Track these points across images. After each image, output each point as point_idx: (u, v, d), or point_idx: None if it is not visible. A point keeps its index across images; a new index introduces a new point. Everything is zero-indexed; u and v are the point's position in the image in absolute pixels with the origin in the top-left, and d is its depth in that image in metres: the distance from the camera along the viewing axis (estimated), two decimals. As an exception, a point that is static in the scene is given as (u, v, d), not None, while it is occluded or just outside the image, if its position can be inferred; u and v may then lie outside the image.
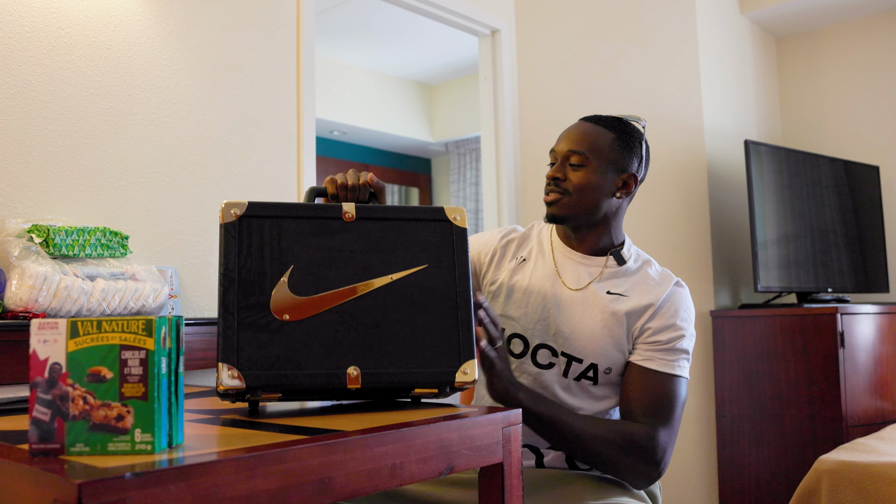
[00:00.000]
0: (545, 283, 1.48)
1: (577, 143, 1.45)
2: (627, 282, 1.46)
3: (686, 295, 1.47)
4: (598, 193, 1.45)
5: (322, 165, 5.99)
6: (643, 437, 1.33)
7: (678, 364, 1.39)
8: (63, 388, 0.88)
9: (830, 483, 1.99)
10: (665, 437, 1.35)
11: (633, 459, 1.33)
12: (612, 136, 1.46)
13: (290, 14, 2.40)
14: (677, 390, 1.39)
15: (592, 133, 1.46)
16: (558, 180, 1.45)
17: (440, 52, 5.11)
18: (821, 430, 2.78)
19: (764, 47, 3.79)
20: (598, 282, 1.46)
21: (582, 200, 1.44)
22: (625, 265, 1.48)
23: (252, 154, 2.27)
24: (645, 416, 1.36)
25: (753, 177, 3.02)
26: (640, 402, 1.38)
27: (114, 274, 1.76)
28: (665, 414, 1.37)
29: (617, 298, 1.44)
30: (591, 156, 1.44)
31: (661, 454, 1.34)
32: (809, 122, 3.80)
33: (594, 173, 1.44)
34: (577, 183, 1.44)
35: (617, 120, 1.49)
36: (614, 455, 1.32)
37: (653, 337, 1.40)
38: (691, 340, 1.43)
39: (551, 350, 1.44)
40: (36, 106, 1.85)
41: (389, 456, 1.02)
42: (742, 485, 2.95)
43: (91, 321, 0.89)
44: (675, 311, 1.42)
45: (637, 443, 1.32)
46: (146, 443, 0.88)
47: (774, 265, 3.09)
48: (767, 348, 2.94)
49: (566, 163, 1.45)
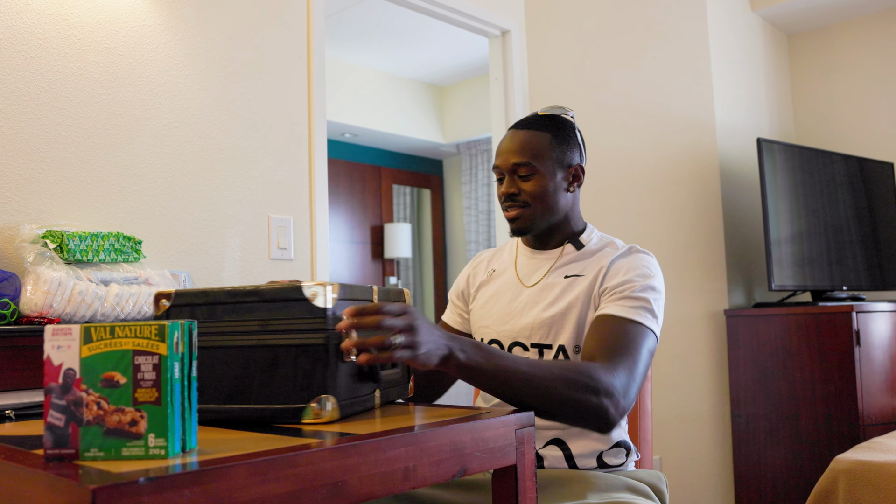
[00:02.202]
0: (508, 286, 1.54)
1: (518, 153, 1.47)
2: (587, 263, 1.49)
3: (644, 258, 1.46)
4: (554, 195, 1.49)
5: (333, 168, 6.03)
6: (601, 374, 1.24)
7: (638, 311, 1.36)
8: (77, 393, 0.89)
9: (847, 483, 1.97)
10: (626, 376, 1.27)
11: (591, 398, 1.21)
12: (548, 136, 1.48)
13: (300, 17, 2.41)
14: (639, 334, 1.34)
15: (530, 139, 1.48)
16: (513, 195, 1.47)
17: (451, 53, 5.11)
18: (837, 430, 2.76)
19: (776, 44, 3.77)
20: (556, 269, 1.50)
21: (542, 207, 1.48)
22: (583, 248, 1.51)
23: (264, 157, 2.28)
24: (604, 356, 1.30)
25: (766, 175, 3.00)
26: (598, 345, 1.33)
27: (127, 279, 1.77)
28: (626, 353, 1.30)
29: (574, 280, 1.46)
30: (536, 162, 1.46)
31: (623, 391, 1.25)
32: (822, 119, 3.78)
33: (544, 178, 1.47)
34: (532, 192, 1.47)
35: (546, 118, 1.51)
36: (570, 394, 1.20)
37: (609, 292, 1.41)
38: (653, 294, 1.39)
39: (522, 346, 1.48)
40: (49, 112, 1.86)
41: (402, 459, 1.02)
42: (758, 485, 2.94)
43: (104, 327, 0.90)
44: (629, 268, 1.42)
45: (595, 379, 1.22)
46: (160, 447, 0.88)
47: (789, 263, 3.07)
48: (782, 347, 2.92)
49: (514, 176, 1.48)
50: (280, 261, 2.29)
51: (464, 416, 1.14)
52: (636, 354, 1.32)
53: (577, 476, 1.39)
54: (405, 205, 6.67)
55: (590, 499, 1.34)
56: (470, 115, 5.87)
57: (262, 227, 2.26)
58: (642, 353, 1.33)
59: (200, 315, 1.15)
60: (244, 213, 2.22)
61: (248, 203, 2.23)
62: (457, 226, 6.66)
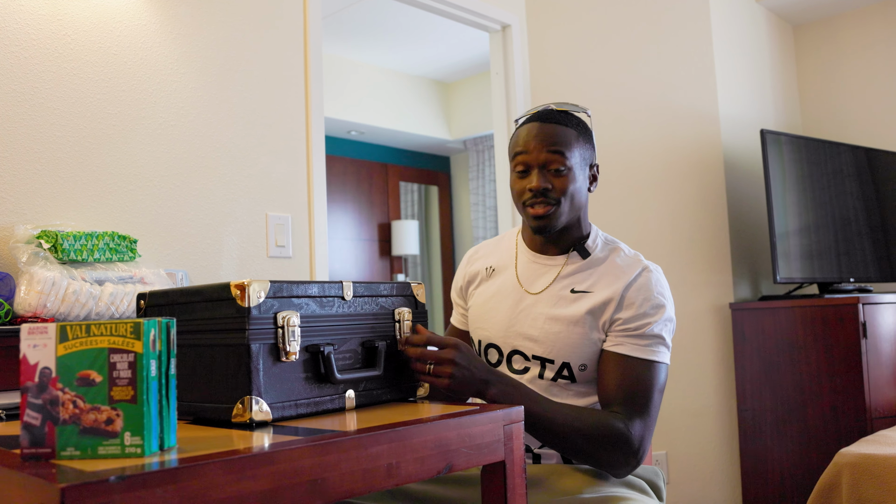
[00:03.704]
0: (509, 289, 1.49)
1: (552, 146, 1.40)
2: (592, 275, 1.43)
3: (656, 279, 1.41)
4: (582, 195, 1.44)
5: (340, 165, 6.03)
6: (620, 429, 1.29)
7: (652, 349, 1.35)
8: (53, 392, 0.89)
9: (851, 476, 1.95)
10: (641, 426, 1.31)
11: (609, 451, 1.29)
12: (574, 132, 1.43)
13: (296, 13, 2.40)
14: (653, 376, 1.35)
15: (560, 133, 1.41)
16: (546, 191, 1.39)
17: (456, 49, 5.09)
18: (844, 423, 2.73)
19: (781, 35, 3.73)
20: (561, 279, 1.44)
21: (570, 206, 1.42)
22: (589, 257, 1.46)
23: (261, 155, 2.28)
24: (621, 404, 1.32)
25: (771, 166, 2.97)
26: (615, 390, 1.34)
27: (122, 278, 1.77)
28: (641, 402, 1.33)
29: (581, 296, 1.41)
30: (569, 157, 1.41)
31: (638, 444, 1.30)
32: (829, 109, 3.73)
33: (574, 175, 1.42)
34: (563, 189, 1.40)
35: (567, 114, 1.46)
36: (590, 447, 1.29)
37: (622, 325, 1.37)
38: (666, 325, 1.38)
39: (523, 356, 1.44)
40: (44, 113, 1.86)
41: (385, 455, 1.01)
42: (765, 478, 2.91)
43: (80, 325, 0.89)
44: (645, 299, 1.38)
45: (614, 434, 1.29)
46: (136, 446, 0.88)
47: (796, 255, 3.04)
48: (788, 340, 2.89)
49: (546, 171, 1.41)
50: (279, 259, 2.28)
51: (450, 413, 1.13)
52: (651, 399, 1.35)
53: (571, 471, 1.38)
54: (412, 202, 6.67)
55: (584, 494, 1.33)
56: (476, 111, 5.85)
57: (260, 225, 2.26)
58: (656, 395, 1.36)
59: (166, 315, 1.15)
60: (241, 212, 2.22)
61: (246, 201, 2.23)
62: (465, 222, 6.65)
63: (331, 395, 1.16)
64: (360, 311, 1.22)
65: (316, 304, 1.16)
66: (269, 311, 1.09)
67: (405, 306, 1.29)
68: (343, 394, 1.18)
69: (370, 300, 1.24)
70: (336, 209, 5.98)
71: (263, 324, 1.09)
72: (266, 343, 1.09)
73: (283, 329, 1.10)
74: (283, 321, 1.10)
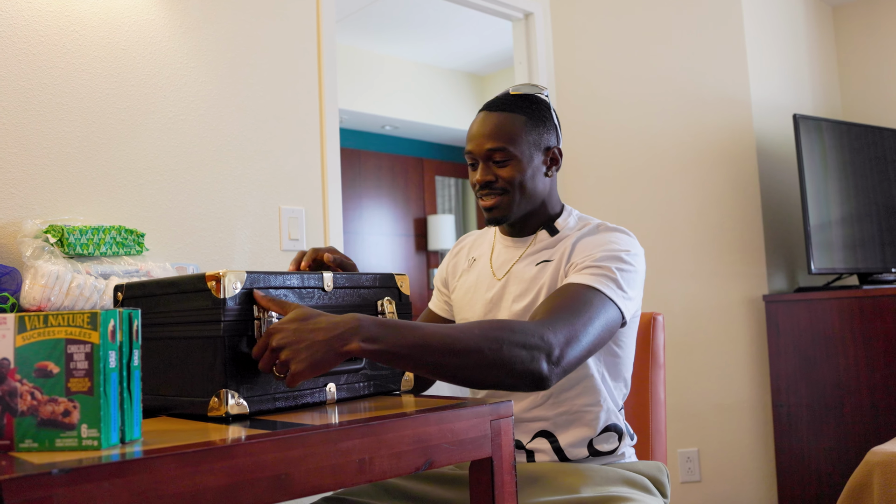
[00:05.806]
0: (483, 278, 1.48)
1: (492, 138, 1.37)
2: (559, 247, 1.40)
3: (615, 234, 1.35)
4: (532, 181, 1.40)
5: (375, 161, 6.04)
6: (532, 324, 1.13)
7: (597, 279, 1.25)
8: (11, 383, 0.87)
9: (882, 477, 1.85)
10: (564, 330, 1.14)
11: (516, 349, 1.08)
12: (522, 117, 1.39)
13: (309, 3, 2.38)
14: (592, 298, 1.22)
15: (504, 122, 1.38)
16: (490, 183, 1.39)
17: (488, 41, 5.03)
18: (884, 420, 2.61)
19: (819, 16, 3.59)
20: (526, 257, 1.43)
21: (520, 194, 1.39)
22: (557, 233, 1.43)
23: (273, 148, 2.26)
24: (543, 314, 1.19)
25: (810, 153, 2.86)
26: (541, 306, 1.23)
27: (128, 272, 1.78)
28: (568, 311, 1.18)
29: (544, 266, 1.39)
30: (512, 147, 1.37)
31: (557, 343, 1.12)
32: (871, 93, 3.58)
33: (521, 163, 1.38)
34: (509, 178, 1.38)
35: (520, 98, 1.42)
36: (495, 352, 1.07)
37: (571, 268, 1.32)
38: (618, 264, 1.28)
39: None
40: (52, 109, 1.87)
41: (357, 451, 0.97)
42: (801, 477, 2.80)
43: (38, 315, 0.88)
44: (596, 244, 1.33)
45: (523, 330, 1.11)
46: (93, 438, 0.86)
47: (839, 245, 2.92)
48: (825, 333, 2.78)
49: (489, 162, 1.39)
50: (292, 252, 2.27)
51: (430, 407, 1.09)
52: (582, 315, 1.18)
53: (570, 469, 1.33)
54: (449, 196, 6.63)
55: (583, 493, 1.28)
56: (510, 103, 5.78)
57: (273, 219, 2.24)
58: (592, 318, 1.19)
59: (143, 307, 1.13)
60: (254, 205, 2.21)
61: (258, 194, 2.22)
62: (501, 216, 6.58)
63: (310, 388, 1.14)
64: (342, 302, 1.19)
65: (295, 296, 1.13)
66: (246, 303, 1.07)
67: (388, 298, 1.26)
68: (323, 387, 1.15)
69: (352, 292, 1.21)
70: (371, 204, 5.98)
71: (239, 315, 1.06)
72: (242, 335, 1.06)
73: (260, 321, 1.07)
74: (260, 313, 1.08)
